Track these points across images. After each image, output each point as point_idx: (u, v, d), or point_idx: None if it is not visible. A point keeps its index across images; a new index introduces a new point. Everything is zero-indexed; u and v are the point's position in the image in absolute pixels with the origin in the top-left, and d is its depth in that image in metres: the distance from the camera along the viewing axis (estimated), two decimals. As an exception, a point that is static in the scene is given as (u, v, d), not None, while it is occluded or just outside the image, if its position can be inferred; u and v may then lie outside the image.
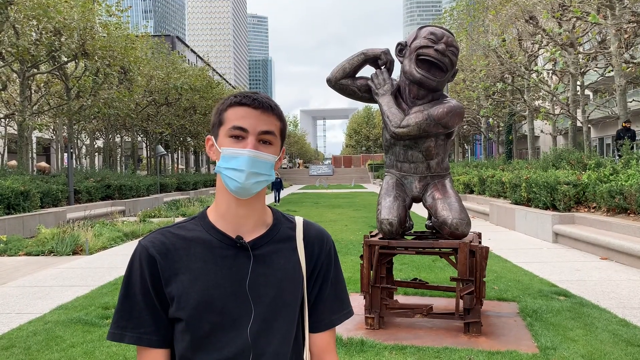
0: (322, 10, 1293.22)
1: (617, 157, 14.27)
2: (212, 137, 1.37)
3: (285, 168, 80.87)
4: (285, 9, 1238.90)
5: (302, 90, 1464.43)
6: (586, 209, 11.49)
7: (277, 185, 24.74)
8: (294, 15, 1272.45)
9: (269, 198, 27.05)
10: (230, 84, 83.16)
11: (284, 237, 1.39)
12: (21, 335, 5.35)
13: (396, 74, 5.56)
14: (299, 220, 1.46)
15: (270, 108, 1.32)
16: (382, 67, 5.42)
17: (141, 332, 1.29)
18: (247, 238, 1.34)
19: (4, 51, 18.28)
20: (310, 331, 1.41)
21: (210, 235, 1.33)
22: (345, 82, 5.45)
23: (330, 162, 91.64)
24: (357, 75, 5.52)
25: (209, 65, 48.98)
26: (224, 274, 1.29)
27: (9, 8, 17.80)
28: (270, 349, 1.29)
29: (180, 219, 15.48)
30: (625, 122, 16.87)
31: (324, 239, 1.46)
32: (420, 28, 5.26)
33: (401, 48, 5.30)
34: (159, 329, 1.30)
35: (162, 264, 1.29)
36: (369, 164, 66.39)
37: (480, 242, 5.51)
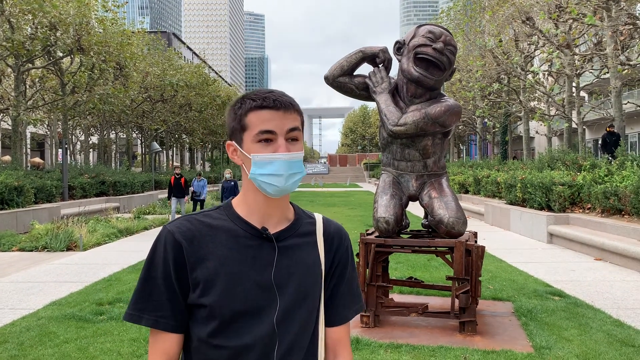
0: (326, 7, 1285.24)
1: (609, 159, 14.31)
2: (234, 142, 1.36)
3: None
4: (288, 5, 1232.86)
5: (304, 88, 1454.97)
6: (581, 210, 11.53)
7: (230, 192, 16.47)
8: (298, 11, 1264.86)
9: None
10: (226, 82, 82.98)
11: (306, 231, 1.42)
12: (14, 330, 5.32)
13: (394, 72, 5.55)
14: (318, 217, 1.48)
15: (291, 105, 1.32)
16: (380, 65, 5.41)
17: (159, 316, 1.30)
18: (272, 230, 1.36)
19: (-2, 45, 18.16)
20: (326, 325, 1.43)
21: (236, 225, 1.35)
22: (342, 79, 5.44)
23: (325, 160, 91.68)
24: (354, 73, 5.50)
25: (205, 62, 48.89)
26: (249, 263, 1.31)
27: (4, 2, 17.70)
28: (288, 339, 1.31)
29: (177, 216, 15.45)
30: (609, 127, 16.96)
31: (343, 235, 1.48)
32: (419, 26, 5.25)
33: (399, 46, 5.28)
34: (175, 313, 1.31)
35: (188, 250, 1.30)
36: (364, 163, 66.41)
37: (476, 242, 5.51)
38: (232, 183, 15.24)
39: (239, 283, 1.29)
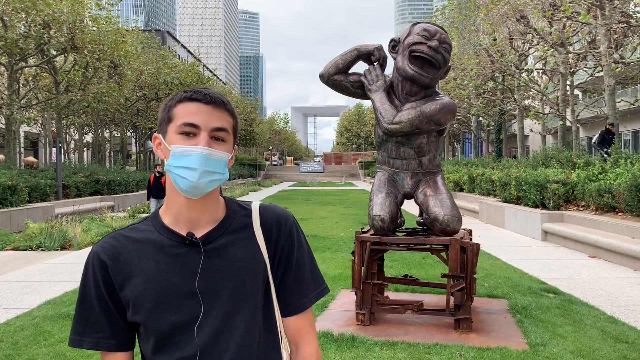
0: (323, 5, 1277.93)
1: (603, 157, 14.38)
2: (160, 135, 1.30)
3: (276, 165, 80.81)
4: (285, 2, 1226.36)
5: (300, 86, 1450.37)
6: (575, 208, 11.58)
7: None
8: (295, 8, 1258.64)
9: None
10: (220, 80, 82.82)
11: (239, 226, 1.35)
12: (8, 330, 5.29)
13: (389, 70, 5.55)
14: (254, 206, 1.40)
15: (222, 104, 1.27)
16: (375, 63, 5.41)
17: (99, 337, 1.28)
18: (199, 234, 1.30)
19: (-9, 44, 18.06)
20: (283, 316, 1.38)
21: (161, 235, 1.30)
22: (338, 77, 5.43)
23: (320, 159, 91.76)
24: (350, 71, 5.50)
25: (199, 60, 48.76)
26: (177, 273, 1.26)
27: (-3, 0, 17.58)
28: (234, 343, 1.26)
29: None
30: (609, 125, 17.06)
31: (282, 220, 1.39)
32: (414, 24, 5.25)
33: (394, 44, 5.28)
34: (116, 332, 1.28)
35: (114, 269, 1.27)
36: (359, 162, 66.47)
37: (471, 239, 5.53)
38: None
39: (169, 295, 1.24)
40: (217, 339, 1.25)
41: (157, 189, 14.32)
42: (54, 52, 21.31)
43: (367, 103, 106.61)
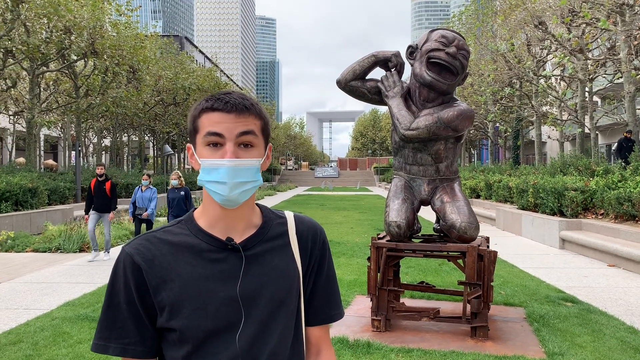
0: (344, 9, 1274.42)
1: (623, 164, 14.17)
2: (192, 145, 1.29)
3: (291, 169, 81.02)
4: (307, 8, 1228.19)
5: (320, 91, 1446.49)
6: (594, 216, 11.43)
7: (177, 206, 10.03)
8: (317, 14, 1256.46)
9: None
10: (237, 85, 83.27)
11: (276, 234, 1.34)
12: (29, 330, 5.38)
13: (406, 76, 5.56)
14: (289, 215, 1.40)
15: (245, 108, 1.23)
16: (393, 70, 5.42)
17: (125, 343, 1.23)
18: (238, 239, 1.28)
19: (14, 49, 18.41)
20: (308, 325, 1.38)
21: (198, 239, 1.27)
22: (355, 83, 5.46)
23: (336, 164, 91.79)
24: (367, 77, 5.52)
25: (216, 66, 49.10)
26: (216, 279, 1.23)
27: (20, 6, 17.94)
28: (267, 351, 1.24)
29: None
30: (626, 132, 16.84)
31: (317, 232, 1.41)
32: (432, 31, 5.26)
33: (412, 51, 5.29)
34: (144, 339, 1.24)
35: (149, 272, 1.23)
36: (374, 167, 66.33)
37: (488, 246, 5.49)
38: (182, 193, 9.96)
39: (208, 301, 1.21)
40: (251, 346, 1.23)
41: (99, 198, 10.02)
42: (75, 57, 21.66)
43: (382, 108, 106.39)
